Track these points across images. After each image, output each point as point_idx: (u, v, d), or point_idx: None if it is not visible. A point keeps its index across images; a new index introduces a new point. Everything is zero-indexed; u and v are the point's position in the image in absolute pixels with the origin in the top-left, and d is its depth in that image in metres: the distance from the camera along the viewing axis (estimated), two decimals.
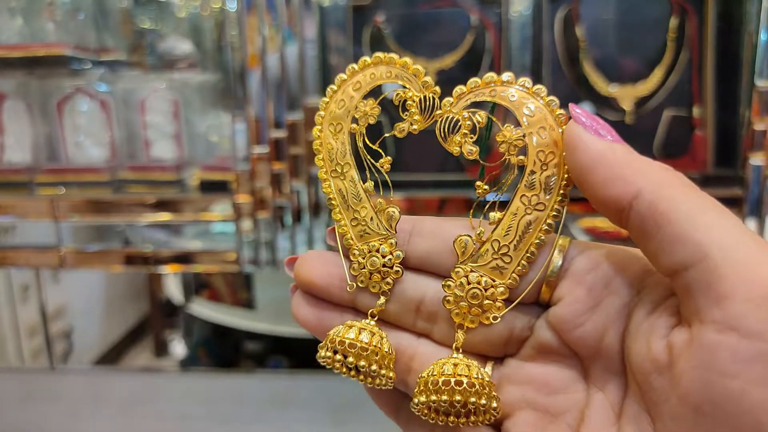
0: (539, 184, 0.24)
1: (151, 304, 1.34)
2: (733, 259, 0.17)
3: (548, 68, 0.73)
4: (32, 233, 0.83)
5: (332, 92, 0.27)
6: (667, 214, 0.19)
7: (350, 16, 0.76)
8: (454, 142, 0.25)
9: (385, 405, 0.28)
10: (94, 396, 0.92)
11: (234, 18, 0.70)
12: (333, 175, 0.27)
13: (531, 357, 0.24)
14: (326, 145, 0.27)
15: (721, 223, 0.18)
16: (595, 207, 0.22)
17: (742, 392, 0.17)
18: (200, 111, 0.81)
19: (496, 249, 0.25)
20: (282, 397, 0.87)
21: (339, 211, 0.27)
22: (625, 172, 0.20)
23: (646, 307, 0.21)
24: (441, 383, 0.23)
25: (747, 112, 0.67)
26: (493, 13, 0.74)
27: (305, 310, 0.26)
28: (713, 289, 0.17)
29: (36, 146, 0.81)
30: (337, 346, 0.24)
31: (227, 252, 0.77)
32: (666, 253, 0.19)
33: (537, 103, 0.24)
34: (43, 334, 1.10)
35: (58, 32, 0.79)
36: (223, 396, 0.91)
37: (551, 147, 0.23)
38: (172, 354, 1.29)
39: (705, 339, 0.18)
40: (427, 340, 0.26)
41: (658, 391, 0.20)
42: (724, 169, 0.71)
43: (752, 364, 0.16)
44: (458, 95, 0.25)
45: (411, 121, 0.26)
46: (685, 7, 0.70)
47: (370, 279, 0.26)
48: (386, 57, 0.26)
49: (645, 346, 0.20)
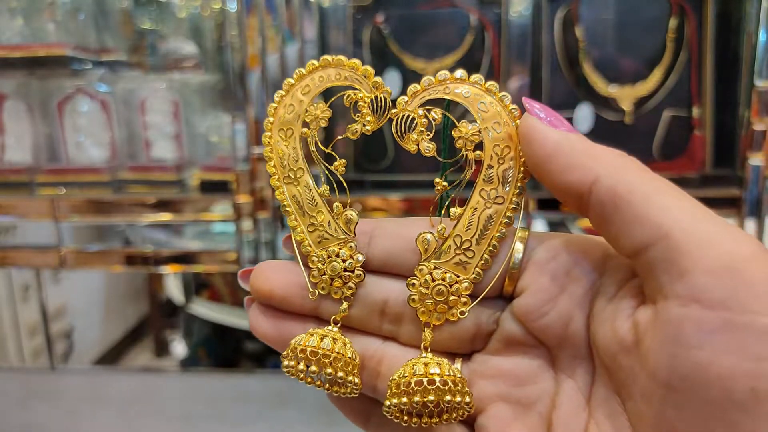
0: (497, 178, 0.24)
1: (151, 304, 1.34)
2: (692, 235, 0.18)
3: (548, 68, 0.73)
4: (33, 233, 0.83)
5: (280, 97, 0.26)
6: (626, 197, 0.19)
7: (350, 16, 0.76)
8: (410, 140, 0.25)
9: (353, 414, 0.27)
10: (94, 396, 0.92)
11: (234, 18, 0.70)
12: (286, 181, 0.26)
13: (498, 350, 0.25)
14: (277, 151, 0.26)
15: (678, 203, 0.19)
16: (555, 195, 0.22)
17: (710, 362, 0.17)
18: (200, 111, 0.81)
19: (459, 244, 0.25)
20: (282, 397, 0.87)
21: (295, 218, 0.26)
22: (582, 159, 0.21)
23: (608, 291, 0.22)
24: (413, 384, 0.23)
25: (746, 113, 0.67)
26: (492, 14, 0.74)
27: (264, 323, 0.26)
28: (674, 265, 0.18)
29: (36, 146, 0.81)
30: (299, 354, 0.24)
31: (227, 252, 0.77)
32: (627, 235, 0.19)
33: (490, 99, 0.24)
34: (44, 334, 1.10)
35: (59, 32, 0.79)
36: (223, 396, 0.91)
37: (506, 141, 0.24)
38: (173, 354, 1.29)
39: (669, 314, 0.18)
40: (394, 342, 0.26)
41: (626, 370, 0.20)
42: (723, 169, 0.71)
43: (717, 333, 0.17)
44: (413, 93, 0.25)
45: (363, 122, 0.25)
46: (684, 7, 0.71)
47: (332, 285, 0.25)
48: (335, 59, 0.26)
49: (610, 329, 0.21)
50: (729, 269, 0.17)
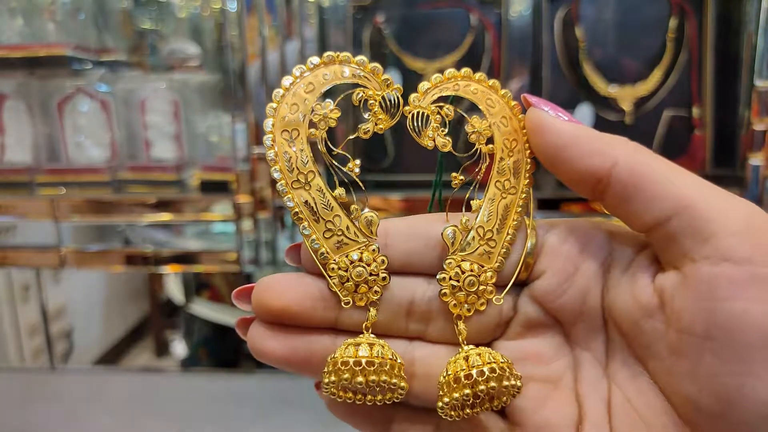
0: (508, 169, 0.25)
1: (151, 304, 1.35)
2: (712, 204, 0.21)
3: (548, 68, 0.73)
4: (33, 233, 0.83)
5: (281, 96, 0.25)
6: (647, 176, 0.21)
7: (350, 16, 0.76)
8: (426, 137, 0.25)
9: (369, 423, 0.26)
10: (94, 396, 0.92)
11: (234, 18, 0.70)
12: (296, 186, 0.24)
13: (519, 334, 0.25)
14: (282, 154, 0.24)
15: (692, 179, 0.22)
16: (568, 182, 0.24)
17: (744, 311, 0.19)
18: (200, 111, 0.81)
19: (482, 235, 0.25)
20: (282, 397, 0.87)
21: (308, 224, 0.24)
22: (599, 146, 0.23)
23: (620, 265, 0.24)
24: (463, 378, 0.23)
25: (746, 113, 0.67)
26: (492, 14, 0.74)
27: (275, 344, 0.24)
28: (699, 230, 0.20)
29: (36, 146, 0.81)
30: (341, 368, 0.23)
31: (227, 252, 0.77)
32: (648, 210, 0.21)
33: (495, 96, 0.25)
34: (44, 333, 1.10)
35: (59, 32, 0.79)
36: (224, 396, 0.91)
37: (513, 134, 0.25)
38: (173, 354, 1.29)
39: (701, 273, 0.20)
40: (421, 342, 0.25)
41: (650, 333, 0.22)
42: (723, 169, 0.71)
43: (748, 285, 0.19)
44: (425, 90, 0.25)
45: (375, 121, 0.25)
46: (684, 7, 0.71)
47: (356, 292, 0.24)
48: (340, 56, 0.25)
49: (630, 297, 0.23)
50: (749, 230, 0.20)
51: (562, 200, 0.71)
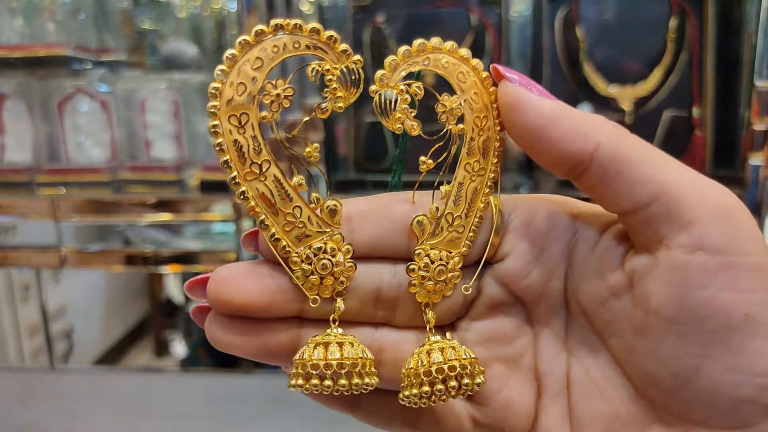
0: (478, 149, 0.24)
1: (151, 304, 1.35)
2: (691, 191, 0.20)
3: (548, 68, 0.73)
4: (33, 233, 0.83)
5: (223, 74, 0.21)
6: (627, 160, 0.21)
7: (350, 16, 0.76)
8: (395, 120, 0.23)
9: (339, 404, 0.26)
10: (94, 396, 0.92)
11: (234, 18, 0.70)
12: (249, 177, 0.22)
13: (482, 315, 0.25)
14: (230, 142, 0.22)
15: (672, 164, 0.21)
16: (544, 163, 0.23)
17: (713, 298, 0.20)
18: (200, 111, 0.81)
19: (450, 221, 0.24)
20: (282, 397, 0.87)
21: (266, 218, 0.22)
22: (581, 127, 0.22)
23: (585, 245, 0.24)
24: (434, 371, 0.22)
25: (746, 113, 0.67)
26: (493, 14, 0.74)
27: (236, 336, 0.23)
28: (676, 217, 0.20)
29: (36, 146, 0.81)
30: (311, 371, 0.22)
31: (227, 252, 0.77)
32: (627, 195, 0.21)
33: (466, 68, 0.23)
34: (44, 333, 1.10)
35: (59, 32, 0.79)
36: (223, 396, 0.91)
37: (484, 111, 0.23)
38: (173, 354, 1.29)
39: (674, 260, 0.20)
40: (388, 328, 0.25)
41: (616, 311, 0.22)
42: (723, 170, 0.71)
43: (719, 273, 0.20)
44: (393, 66, 0.22)
45: (334, 99, 0.22)
46: (684, 7, 0.71)
47: (321, 284, 0.23)
48: (289, 24, 0.22)
49: (597, 277, 0.23)
50: (725, 218, 0.20)
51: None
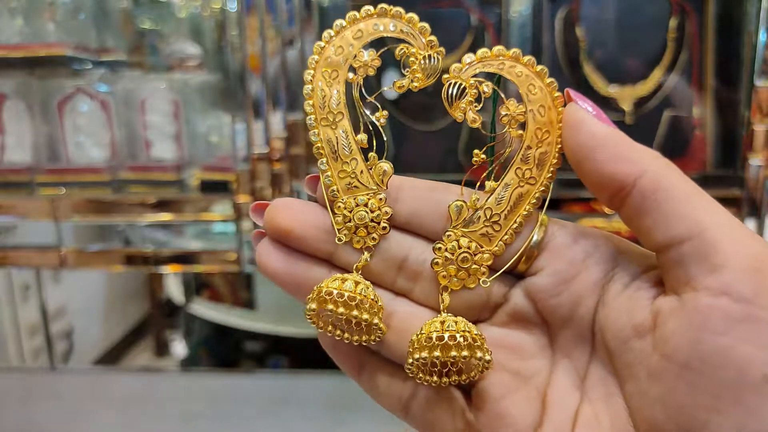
0: (533, 159, 0.25)
1: (151, 304, 1.34)
2: (727, 235, 0.20)
3: (548, 68, 0.72)
4: (33, 233, 0.83)
5: (330, 37, 0.25)
6: (669, 192, 0.21)
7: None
8: (458, 108, 0.25)
9: (347, 363, 0.27)
10: (94, 396, 0.92)
11: (234, 18, 0.70)
12: (323, 123, 0.25)
13: (504, 323, 0.26)
14: (318, 90, 0.25)
15: (714, 206, 0.21)
16: (589, 184, 0.23)
17: (730, 348, 0.19)
18: (201, 111, 0.81)
19: (488, 216, 0.25)
20: (282, 397, 0.87)
21: (326, 161, 0.25)
22: (630, 153, 0.22)
23: (622, 281, 0.24)
24: (435, 339, 0.23)
25: (747, 112, 0.67)
26: (493, 13, 0.74)
27: (275, 260, 0.25)
28: (708, 260, 0.20)
29: (36, 146, 0.81)
30: (335, 298, 0.23)
31: (227, 252, 0.77)
32: (663, 228, 0.21)
33: (539, 83, 0.25)
34: (44, 333, 1.10)
35: (59, 32, 0.79)
36: (224, 396, 0.91)
37: (547, 126, 0.25)
38: (173, 354, 1.29)
39: (698, 303, 0.20)
40: (405, 299, 0.26)
41: (636, 353, 0.22)
42: (723, 169, 0.71)
43: (741, 324, 0.19)
44: (468, 62, 0.25)
45: (412, 78, 0.25)
46: (684, 7, 0.71)
47: (355, 234, 0.25)
48: (392, 10, 0.26)
49: (625, 314, 0.23)
50: (756, 270, 0.19)
51: (563, 200, 0.71)
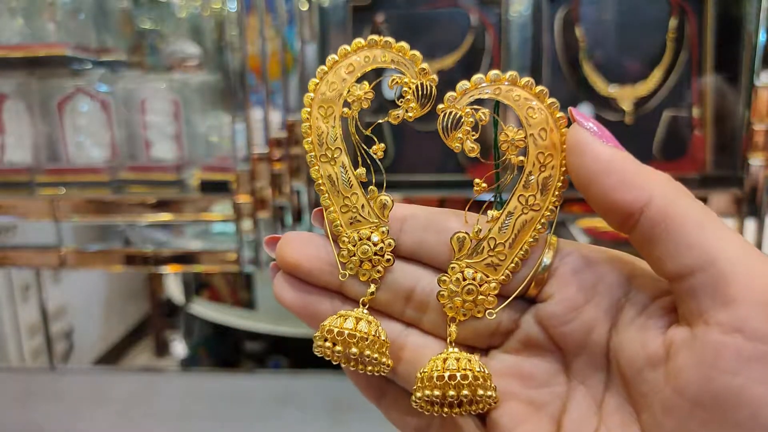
0: (536, 185, 0.24)
1: (151, 304, 1.34)
2: (741, 267, 0.19)
3: (548, 69, 0.73)
4: (33, 233, 0.83)
5: (323, 73, 0.26)
6: (678, 221, 0.20)
7: (350, 16, 0.76)
8: (455, 139, 0.25)
9: (369, 389, 0.28)
10: (94, 396, 0.92)
11: (234, 18, 0.70)
12: (322, 159, 0.26)
13: (516, 350, 0.25)
14: (315, 128, 0.26)
15: (727, 234, 0.20)
16: (597, 210, 0.22)
17: (742, 388, 0.18)
18: (200, 111, 0.81)
19: (492, 246, 0.25)
20: (282, 397, 0.87)
21: (328, 197, 0.26)
22: (636, 178, 0.21)
23: (635, 308, 0.23)
24: (447, 377, 0.23)
25: (746, 113, 0.67)
26: (492, 14, 0.74)
27: (289, 293, 0.26)
28: (720, 293, 0.19)
29: (36, 146, 0.81)
30: (335, 337, 0.24)
31: (227, 252, 0.77)
32: (673, 258, 0.20)
33: (539, 105, 0.24)
34: (44, 333, 1.10)
35: (59, 32, 0.79)
36: (223, 396, 0.91)
37: (550, 149, 0.24)
38: (173, 354, 1.29)
39: (709, 339, 0.19)
40: (416, 330, 0.26)
41: (650, 383, 0.21)
42: (723, 170, 0.71)
43: (754, 363, 0.18)
44: (463, 91, 0.24)
45: (407, 108, 0.25)
46: (684, 7, 0.71)
47: (360, 267, 0.25)
48: (382, 40, 0.25)
49: (638, 343, 0.22)
50: None
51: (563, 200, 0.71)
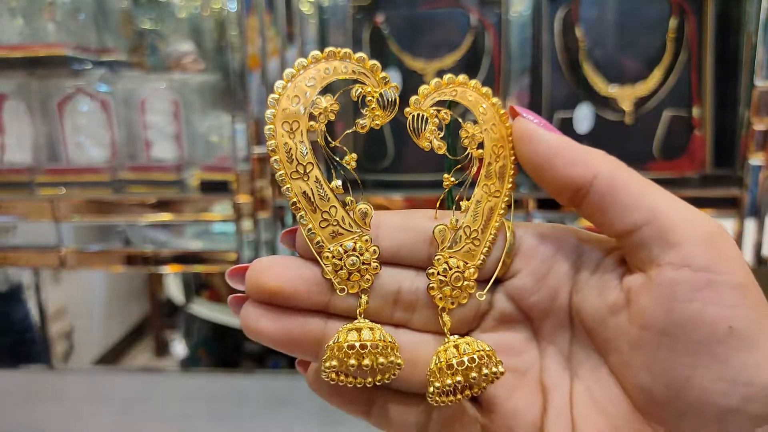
0: (494, 174, 0.27)
1: (151, 304, 1.34)
2: (679, 216, 0.23)
3: (548, 69, 0.73)
4: (33, 233, 0.83)
5: (282, 88, 0.25)
6: (623, 188, 0.24)
7: (350, 16, 0.76)
8: (425, 138, 0.26)
9: (354, 405, 0.28)
10: (94, 396, 0.92)
11: (234, 18, 0.70)
12: (294, 176, 0.25)
13: (492, 327, 0.28)
14: (282, 145, 0.25)
15: (664, 194, 0.24)
16: (549, 189, 0.26)
17: (699, 312, 0.22)
18: (200, 111, 0.81)
19: (468, 234, 0.27)
20: (282, 397, 0.87)
21: (305, 214, 0.25)
22: (583, 157, 0.25)
23: (589, 267, 0.26)
24: (456, 364, 0.25)
25: (746, 112, 0.67)
26: (492, 14, 0.74)
27: (266, 322, 0.25)
28: (666, 239, 0.23)
29: (36, 146, 0.81)
30: (347, 351, 0.24)
31: (227, 252, 0.77)
32: (622, 218, 0.24)
33: (487, 103, 0.27)
34: (44, 333, 1.10)
35: (59, 32, 0.79)
36: (223, 396, 0.91)
37: (501, 141, 0.27)
38: (173, 354, 1.29)
39: (664, 277, 0.22)
40: (405, 329, 0.27)
41: (614, 329, 0.25)
42: (723, 169, 0.71)
43: (704, 289, 0.22)
44: (425, 94, 0.26)
45: (372, 117, 0.26)
46: (684, 7, 0.71)
47: (349, 279, 0.25)
48: (340, 51, 0.25)
49: (598, 296, 0.25)
50: (709, 241, 0.22)
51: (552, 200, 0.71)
